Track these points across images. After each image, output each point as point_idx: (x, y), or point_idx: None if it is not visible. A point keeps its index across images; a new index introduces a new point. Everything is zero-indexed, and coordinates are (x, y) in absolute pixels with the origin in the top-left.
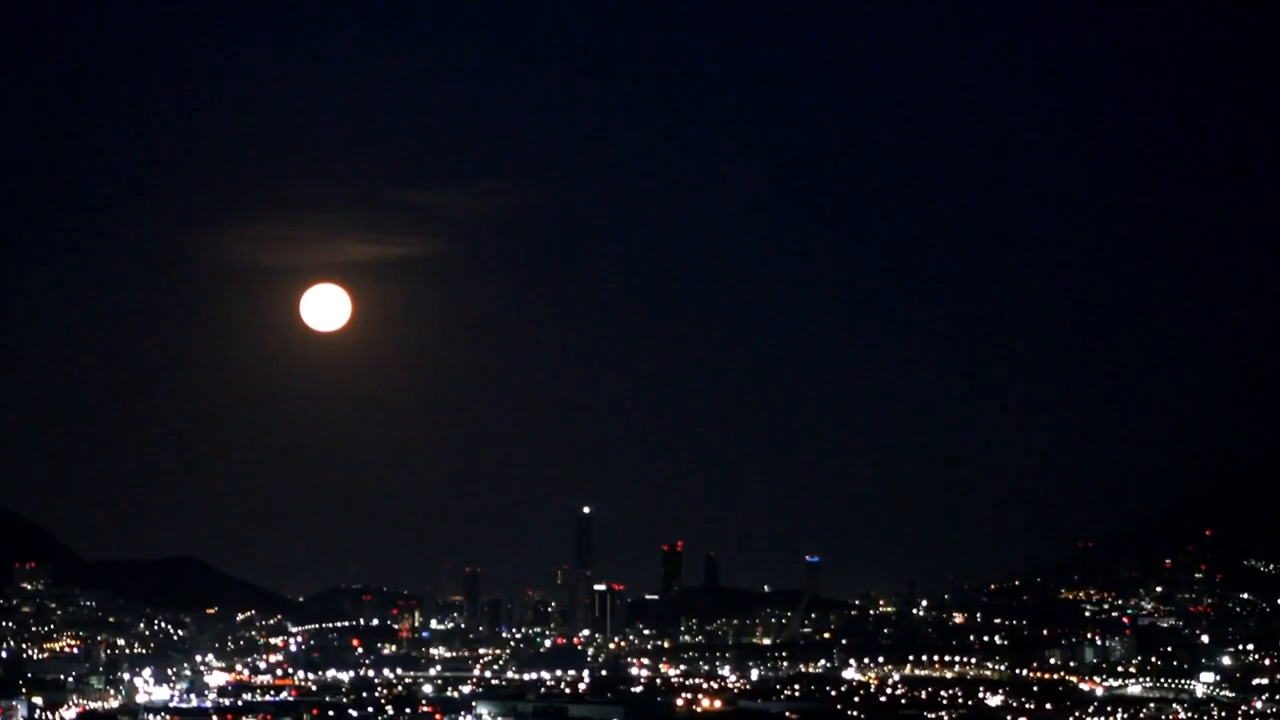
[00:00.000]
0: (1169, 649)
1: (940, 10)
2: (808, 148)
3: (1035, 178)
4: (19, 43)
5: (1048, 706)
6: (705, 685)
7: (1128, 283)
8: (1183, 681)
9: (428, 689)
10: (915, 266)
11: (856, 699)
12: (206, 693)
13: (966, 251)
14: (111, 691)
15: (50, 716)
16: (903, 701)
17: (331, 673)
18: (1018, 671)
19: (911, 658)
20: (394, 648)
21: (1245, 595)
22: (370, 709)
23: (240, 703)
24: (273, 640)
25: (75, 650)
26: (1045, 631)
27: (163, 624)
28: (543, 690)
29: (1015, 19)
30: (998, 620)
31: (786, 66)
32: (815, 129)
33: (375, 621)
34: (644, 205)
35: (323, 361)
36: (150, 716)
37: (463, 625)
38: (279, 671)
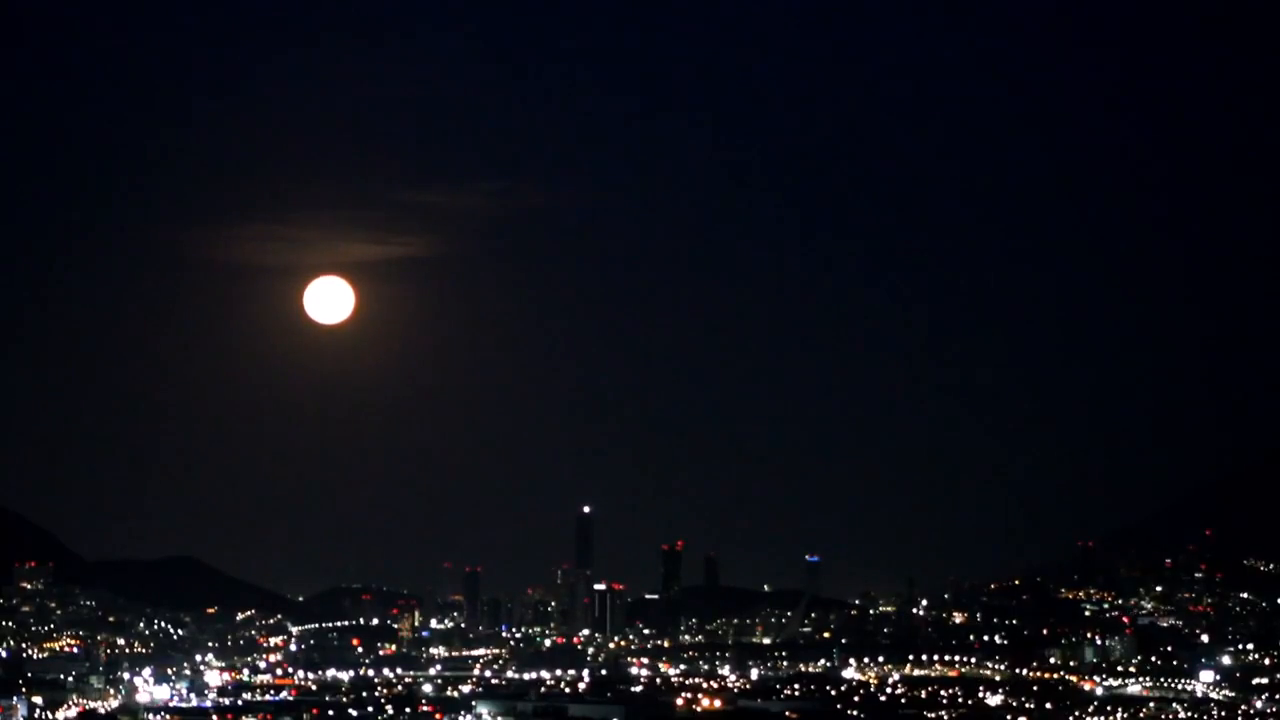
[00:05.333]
0: (1169, 649)
1: (940, 11)
2: (810, 148)
3: (1038, 176)
4: (19, 42)
5: (1048, 706)
6: (705, 685)
7: (1127, 281)
8: (1183, 681)
9: (428, 689)
10: (915, 266)
11: (856, 698)
12: (206, 692)
13: (966, 250)
14: (111, 691)
15: (50, 716)
16: (903, 701)
17: (331, 672)
18: (1018, 671)
19: (911, 657)
20: (394, 647)
21: (1245, 595)
22: (370, 709)
23: (240, 702)
24: (273, 640)
25: (75, 650)
26: (1045, 631)
27: (163, 624)
28: (543, 690)
29: (1014, 20)
30: (998, 620)
31: (789, 66)
32: (818, 130)
33: (375, 621)
34: (644, 205)
35: (323, 361)
36: (150, 716)
37: (463, 625)
38: (279, 671)
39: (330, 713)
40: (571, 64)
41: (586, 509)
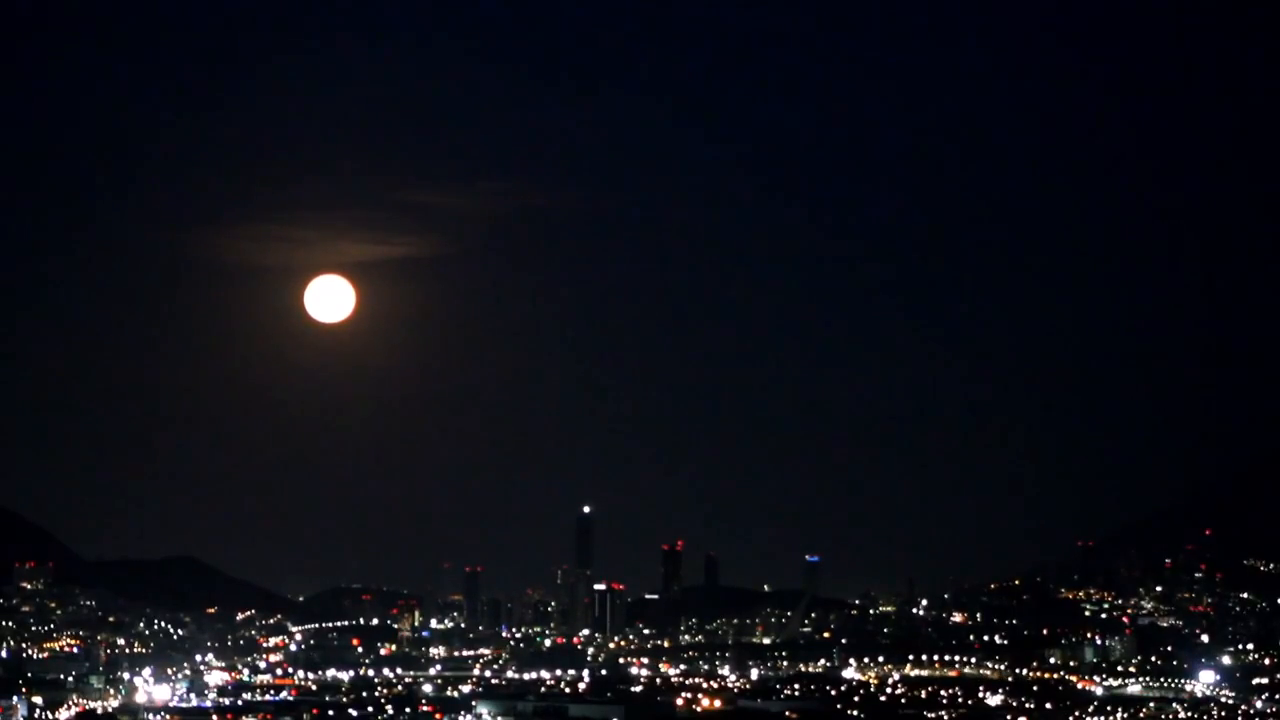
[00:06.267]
0: (1169, 649)
1: (944, 12)
2: (811, 147)
3: (1036, 176)
4: (19, 42)
5: (1048, 706)
6: (705, 685)
7: (1128, 282)
8: (1183, 681)
9: (428, 689)
10: (915, 266)
11: (856, 698)
12: (206, 692)
13: (966, 251)
14: (111, 691)
15: (50, 716)
16: (903, 701)
17: (331, 672)
18: (1018, 671)
19: (911, 657)
20: (394, 647)
21: (1245, 595)
22: (370, 709)
23: (240, 702)
24: (273, 640)
25: (75, 650)
26: (1045, 631)
27: (163, 624)
28: (543, 690)
29: (1015, 22)
30: (998, 620)
31: (789, 66)
32: (820, 129)
33: (375, 621)
34: (645, 205)
35: (322, 362)
36: (150, 716)
37: (463, 625)
38: (279, 671)
39: (330, 713)
40: (572, 65)
41: (586, 509)
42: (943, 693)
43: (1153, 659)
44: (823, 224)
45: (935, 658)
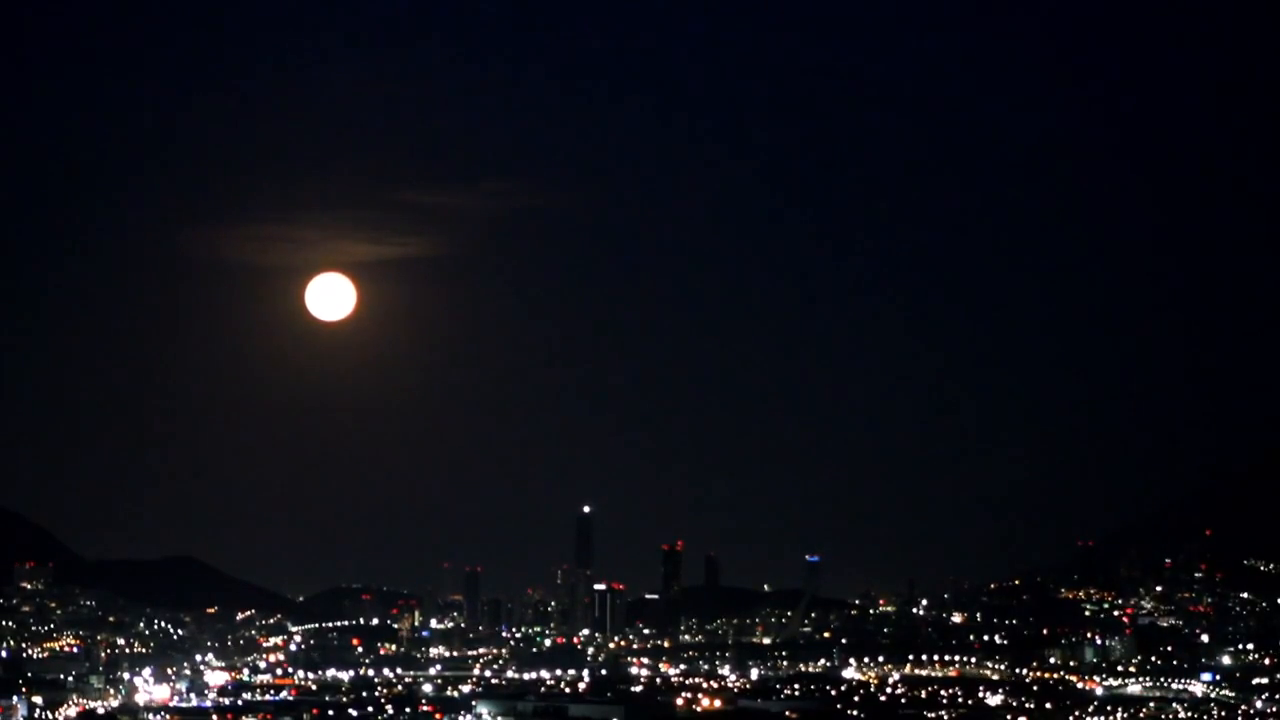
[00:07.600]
0: (1169, 649)
1: (946, 17)
2: (810, 149)
3: (1036, 175)
4: (19, 42)
5: (1048, 706)
6: (705, 685)
7: (1128, 282)
8: (1183, 681)
9: (428, 689)
10: (915, 266)
11: (856, 698)
12: (206, 692)
13: (966, 249)
14: (111, 691)
15: (50, 716)
16: (903, 701)
17: (331, 672)
18: (1018, 671)
19: (911, 657)
20: (394, 647)
21: (1245, 595)
22: (370, 709)
23: (240, 702)
24: (273, 640)
25: (75, 650)
26: (1045, 631)
27: (163, 624)
28: (543, 690)
29: (1012, 23)
30: (998, 620)
31: (790, 66)
32: (820, 130)
33: (375, 621)
34: (645, 205)
35: (323, 362)
36: (150, 716)
37: (463, 625)
38: (279, 671)
39: (330, 713)
40: (571, 65)
41: (586, 509)
42: (943, 693)
43: (1153, 659)
44: (824, 225)
45: (935, 658)
